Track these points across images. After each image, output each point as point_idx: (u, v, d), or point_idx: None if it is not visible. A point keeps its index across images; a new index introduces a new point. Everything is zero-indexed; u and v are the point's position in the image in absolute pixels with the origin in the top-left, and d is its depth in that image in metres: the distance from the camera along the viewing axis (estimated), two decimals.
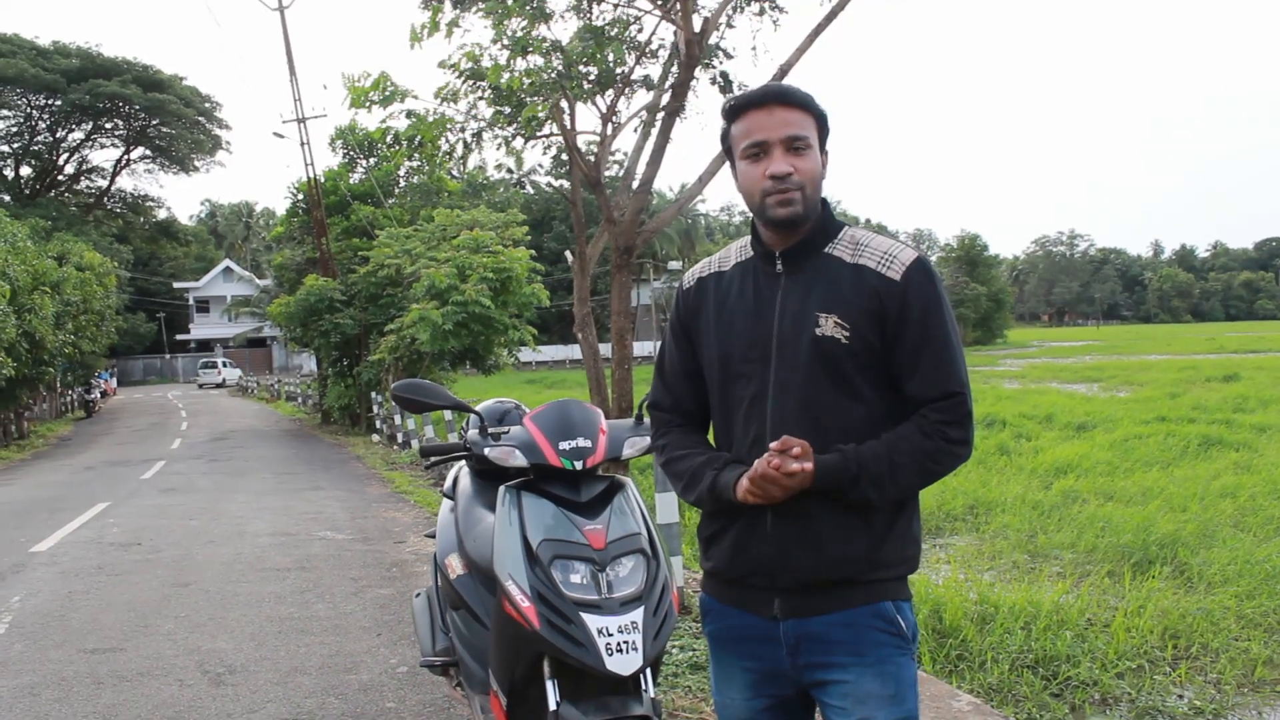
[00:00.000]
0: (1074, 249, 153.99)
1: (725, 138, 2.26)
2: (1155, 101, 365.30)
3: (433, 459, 3.73)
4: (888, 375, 2.17)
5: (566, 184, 9.72)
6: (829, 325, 2.13)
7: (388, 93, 8.50)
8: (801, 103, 2.18)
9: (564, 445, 2.97)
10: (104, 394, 46.34)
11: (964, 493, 9.78)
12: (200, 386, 62.48)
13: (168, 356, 76.27)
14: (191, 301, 77.55)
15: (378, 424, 22.09)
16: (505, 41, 8.28)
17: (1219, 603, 5.89)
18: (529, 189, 67.52)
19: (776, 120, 2.14)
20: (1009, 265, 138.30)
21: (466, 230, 20.89)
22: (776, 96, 2.17)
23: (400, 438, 19.09)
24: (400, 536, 9.61)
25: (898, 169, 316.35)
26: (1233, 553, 6.98)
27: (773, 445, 2.05)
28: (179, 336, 76.91)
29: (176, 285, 76.28)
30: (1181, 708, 4.63)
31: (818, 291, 2.17)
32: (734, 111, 2.21)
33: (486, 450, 3.11)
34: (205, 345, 76.66)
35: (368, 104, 8.58)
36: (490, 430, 3.31)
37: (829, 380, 2.14)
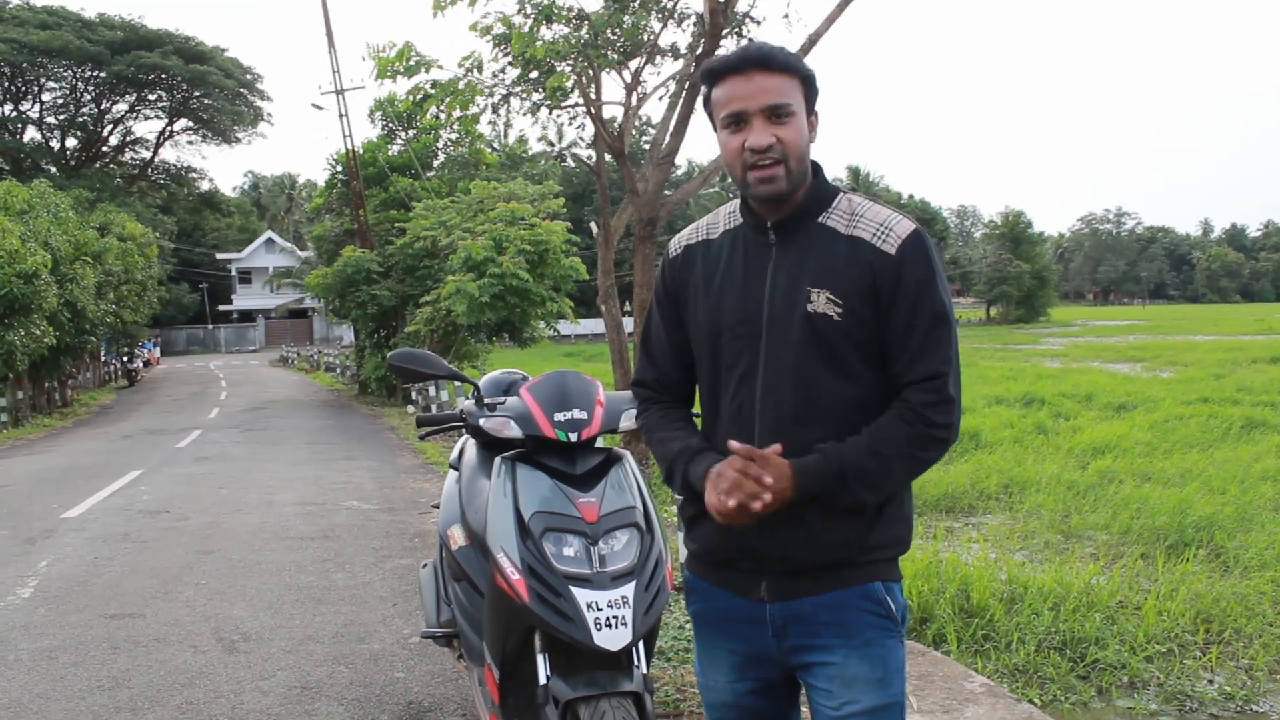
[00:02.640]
0: (1120, 227, 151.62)
1: (707, 103, 2.14)
2: (1209, 77, 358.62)
3: (427, 429, 3.67)
4: (882, 353, 2.06)
5: (593, 156, 9.59)
6: (821, 301, 2.02)
7: (412, 62, 8.43)
8: (784, 66, 2.02)
9: (559, 416, 2.92)
10: (147, 363, 46.95)
11: (999, 471, 9.65)
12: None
13: (210, 327, 77.09)
14: (234, 272, 78.24)
15: (413, 395, 22.19)
16: (529, 9, 8.18)
17: (1254, 587, 5.76)
18: (569, 162, 67.42)
19: (756, 88, 2.00)
20: (1054, 243, 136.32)
21: (503, 203, 20.85)
22: (756, 61, 2.02)
23: (435, 408, 19.15)
24: (425, 507, 9.61)
25: (942, 144, 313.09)
26: (1271, 537, 6.83)
27: (734, 446, 1.96)
28: (222, 307, 77.67)
29: (219, 256, 76.98)
30: (1211, 692, 4.54)
31: (810, 265, 2.05)
32: (713, 76, 2.08)
33: (481, 421, 3.06)
34: (247, 316, 77.46)
35: (393, 74, 8.50)
36: (487, 401, 3.25)
37: (821, 358, 2.03)
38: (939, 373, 2.01)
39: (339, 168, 29.41)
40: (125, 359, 41.03)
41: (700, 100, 2.19)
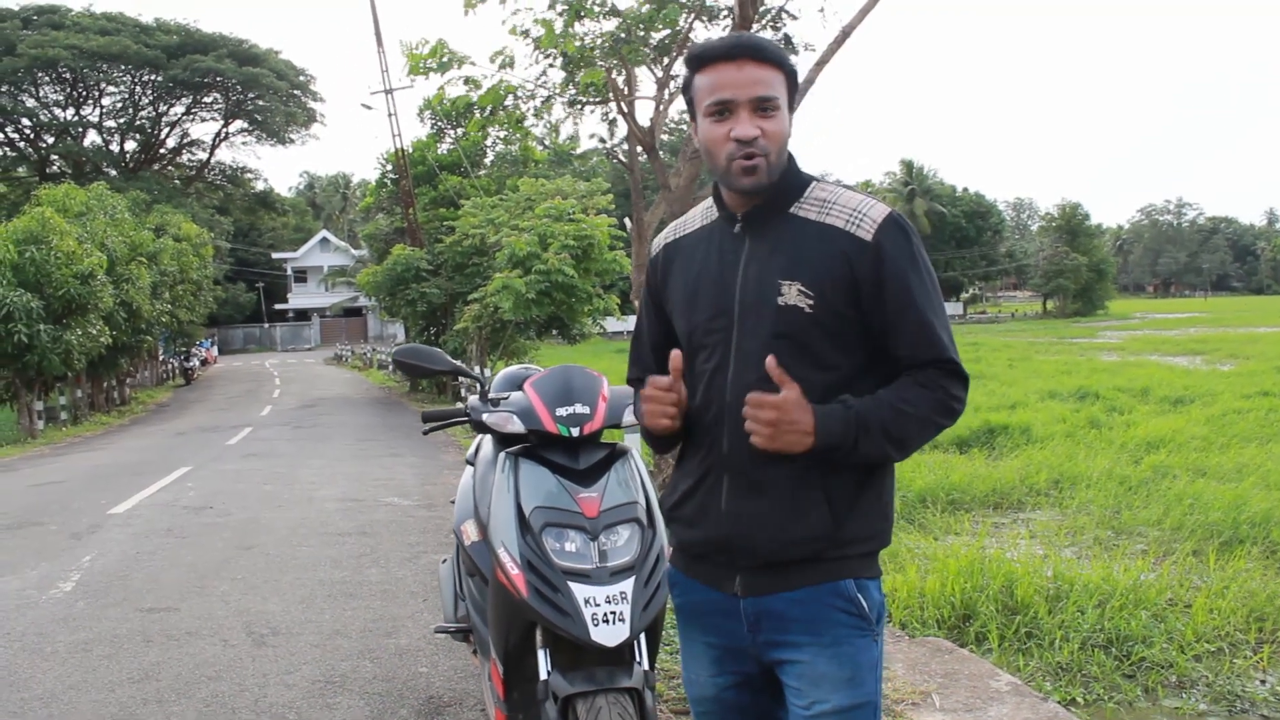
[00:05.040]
0: (1181, 218, 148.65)
1: (687, 88, 2.07)
2: (1274, 66, 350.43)
3: (431, 425, 3.64)
4: (858, 340, 2.01)
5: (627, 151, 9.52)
6: (792, 294, 1.97)
7: (444, 59, 8.43)
8: (774, 59, 1.98)
9: (561, 411, 2.90)
10: (204, 362, 47.73)
11: (1049, 466, 9.46)
12: None
13: (266, 325, 78.17)
14: (290, 272, 79.26)
15: (462, 392, 22.28)
16: (560, 6, 8.14)
17: None
18: (621, 159, 67.52)
19: (746, 77, 1.95)
20: (1113, 235, 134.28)
21: (550, 199, 20.87)
22: (748, 50, 1.97)
23: None
24: (450, 501, 9.61)
25: (997, 136, 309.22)
26: None
27: (769, 361, 1.91)
28: (277, 306, 78.74)
29: (275, 256, 78.03)
30: (1262, 693, 4.40)
31: (781, 256, 2.01)
32: (699, 62, 2.01)
33: (485, 416, 3.05)
34: (303, 315, 78.43)
35: (425, 71, 8.51)
36: (491, 396, 3.23)
37: (793, 351, 1.97)
38: (947, 357, 1.99)
39: (389, 167, 29.68)
40: (182, 357, 41.72)
41: (682, 86, 2.13)
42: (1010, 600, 5.30)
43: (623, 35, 8.23)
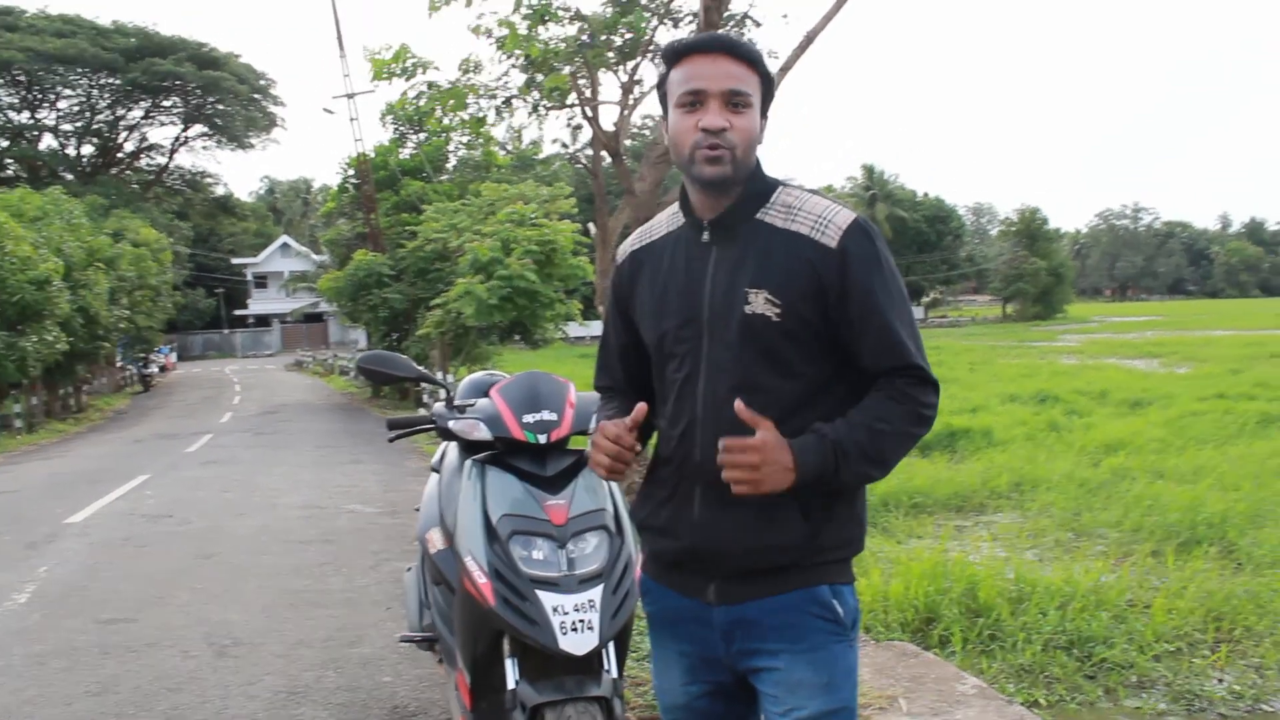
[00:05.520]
0: (1138, 222, 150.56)
1: (662, 83, 2.07)
2: (1229, 70, 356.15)
3: (397, 432, 3.61)
4: (827, 347, 2.00)
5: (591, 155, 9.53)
6: (759, 302, 1.96)
7: (409, 64, 8.40)
8: (749, 57, 1.99)
9: (528, 418, 2.88)
10: (163, 368, 47.10)
11: (1010, 469, 9.55)
12: None
13: (226, 331, 77.33)
14: (250, 277, 78.41)
15: (424, 399, 22.16)
16: (525, 9, 8.13)
17: (1267, 585, 5.64)
18: (583, 164, 67.50)
19: (719, 70, 1.96)
20: (1071, 239, 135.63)
21: (512, 204, 20.80)
22: (723, 45, 1.99)
23: None
24: (415, 509, 9.55)
25: (957, 142, 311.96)
26: None
27: (738, 404, 1.89)
28: (238, 312, 77.90)
29: (235, 261, 77.17)
30: (1220, 691, 4.45)
31: (748, 264, 2.00)
32: (675, 55, 2.02)
33: (450, 423, 3.02)
34: (263, 320, 77.67)
35: (389, 76, 8.47)
36: (457, 402, 3.20)
37: (762, 360, 1.97)
38: (914, 364, 1.97)
39: (350, 171, 29.46)
40: (141, 364, 41.15)
41: (657, 82, 2.13)
42: (973, 603, 5.33)
43: (585, 39, 8.23)
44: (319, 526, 8.99)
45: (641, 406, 2.01)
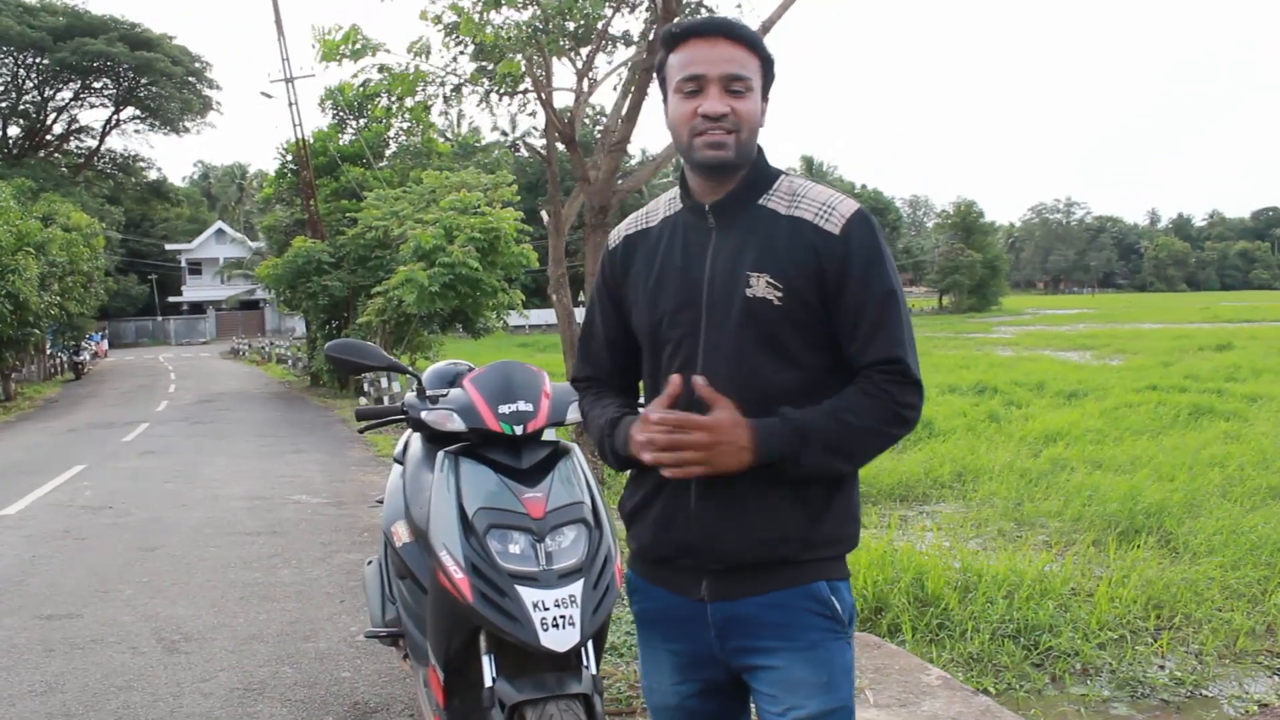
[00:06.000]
0: (1070, 217, 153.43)
1: (660, 68, 2.05)
2: (1154, 69, 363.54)
3: (366, 423, 3.56)
4: (827, 338, 1.99)
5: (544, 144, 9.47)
6: (760, 285, 1.95)
7: (358, 46, 8.26)
8: (749, 41, 1.98)
9: (504, 409, 2.82)
10: (95, 356, 46.02)
11: (952, 460, 9.69)
12: None
13: (160, 319, 75.79)
14: (184, 264, 76.90)
15: (365, 387, 21.93)
16: None
17: (1203, 573, 5.79)
18: (523, 152, 67.02)
19: (719, 54, 1.94)
20: (1005, 232, 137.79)
21: (455, 192, 20.64)
22: (722, 29, 1.96)
23: (386, 400, 18.91)
24: (375, 501, 9.45)
25: (894, 135, 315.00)
26: (1219, 522, 6.87)
27: (697, 380, 1.88)
28: (171, 299, 76.40)
29: (169, 247, 75.65)
30: (1162, 678, 4.56)
31: (750, 248, 1.98)
32: (674, 39, 2.00)
33: (423, 414, 2.96)
34: (198, 308, 76.25)
35: (339, 57, 8.33)
36: (430, 393, 3.15)
37: (761, 345, 1.96)
38: (896, 356, 1.94)
39: (289, 157, 29.00)
40: (71, 352, 40.16)
41: (655, 66, 2.10)
42: (921, 592, 5.40)
43: (539, 25, 8.16)
44: (264, 518, 8.85)
45: (675, 379, 1.93)
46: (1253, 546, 6.27)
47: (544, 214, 9.98)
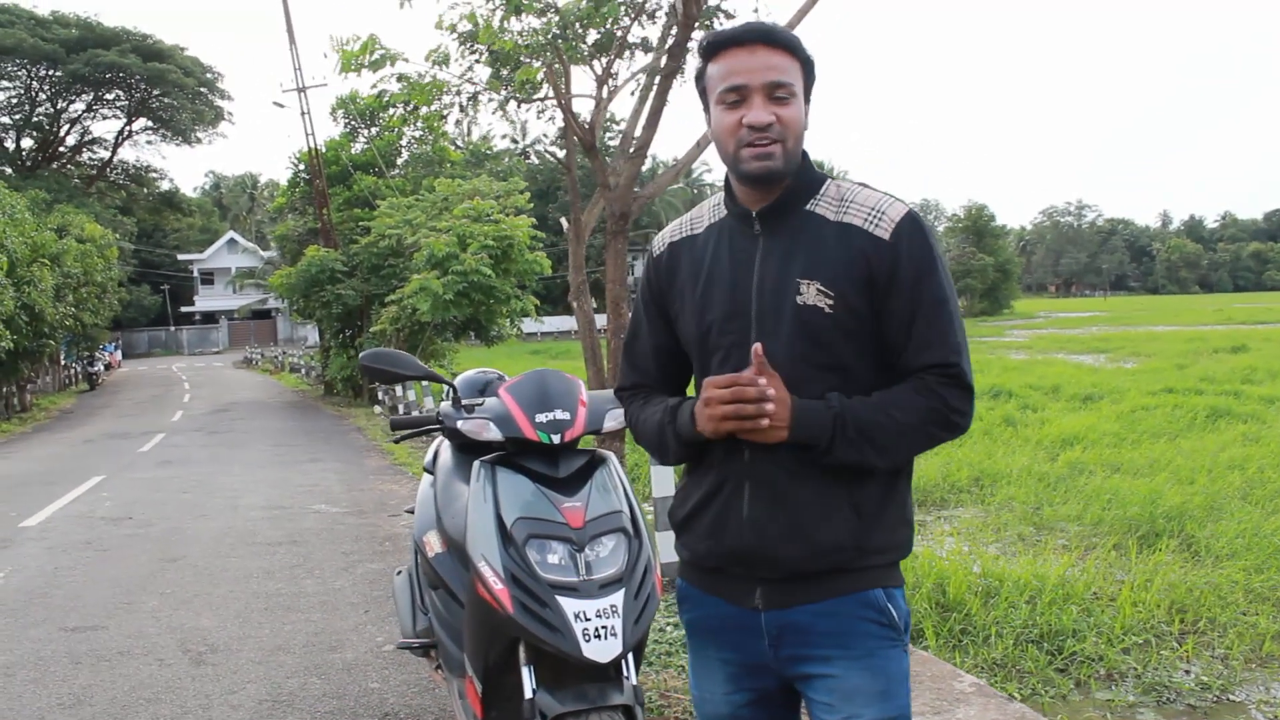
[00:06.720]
0: (1082, 219, 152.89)
1: (700, 78, 2.04)
2: (1167, 62, 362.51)
3: (402, 433, 3.56)
4: (876, 344, 1.97)
5: (564, 151, 9.47)
6: (811, 293, 1.93)
7: (377, 56, 8.28)
8: (788, 45, 1.95)
9: (541, 418, 2.80)
10: (108, 366, 46.20)
11: (969, 464, 9.66)
12: None
13: (173, 329, 76.05)
14: (196, 274, 77.22)
15: (380, 395, 21.99)
16: (498, 1, 8.07)
17: (1227, 576, 5.77)
18: (534, 159, 67.12)
19: (759, 63, 1.91)
20: (1016, 236, 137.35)
21: (468, 199, 20.69)
22: (761, 35, 1.93)
23: (402, 409, 18.92)
24: (395, 510, 9.48)
25: (905, 138, 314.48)
26: (1240, 525, 6.84)
27: (756, 347, 1.87)
28: (184, 309, 76.65)
29: (181, 257, 75.99)
30: (1188, 683, 4.54)
31: (799, 255, 1.96)
32: (712, 49, 1.98)
33: (459, 423, 2.95)
34: (210, 317, 76.50)
35: (357, 68, 8.36)
36: (465, 402, 3.15)
37: (813, 352, 1.94)
38: (951, 362, 1.92)
39: (301, 166, 29.09)
40: (86, 362, 40.33)
41: (694, 76, 2.08)
42: (943, 598, 5.40)
43: (558, 32, 8.17)
44: (284, 527, 8.88)
45: (757, 347, 1.88)
46: (1276, 550, 6.25)
47: (564, 221, 9.97)
